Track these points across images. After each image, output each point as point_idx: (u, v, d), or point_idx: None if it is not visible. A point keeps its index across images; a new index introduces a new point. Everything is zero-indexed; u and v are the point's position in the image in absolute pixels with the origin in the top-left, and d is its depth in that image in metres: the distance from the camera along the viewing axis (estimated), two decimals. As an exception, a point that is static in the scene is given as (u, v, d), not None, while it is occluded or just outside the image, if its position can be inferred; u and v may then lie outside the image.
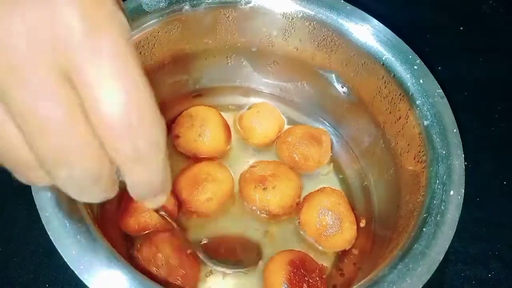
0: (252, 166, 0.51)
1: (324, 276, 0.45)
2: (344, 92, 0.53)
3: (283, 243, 0.48)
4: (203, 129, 0.51)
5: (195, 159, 0.52)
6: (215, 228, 0.49)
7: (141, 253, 0.42)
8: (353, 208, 0.50)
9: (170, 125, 0.53)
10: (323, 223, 0.47)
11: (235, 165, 0.53)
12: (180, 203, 0.48)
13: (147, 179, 0.22)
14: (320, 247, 0.48)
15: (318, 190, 0.50)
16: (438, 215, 0.38)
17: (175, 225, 0.43)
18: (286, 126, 0.57)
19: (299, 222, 0.49)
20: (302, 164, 0.52)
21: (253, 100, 0.59)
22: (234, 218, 0.50)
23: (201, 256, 0.43)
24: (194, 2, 0.48)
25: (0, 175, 0.23)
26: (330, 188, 0.50)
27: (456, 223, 0.37)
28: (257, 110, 0.55)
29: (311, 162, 0.52)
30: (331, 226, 0.46)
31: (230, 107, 0.58)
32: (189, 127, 0.52)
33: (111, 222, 0.46)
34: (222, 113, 0.55)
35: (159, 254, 0.41)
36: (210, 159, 0.52)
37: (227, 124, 0.54)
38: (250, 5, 0.49)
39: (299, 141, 0.52)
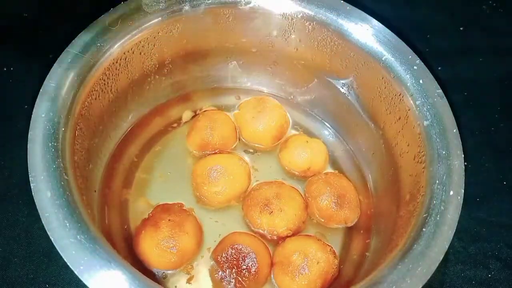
0: (254, 189, 0.50)
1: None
2: (344, 92, 0.53)
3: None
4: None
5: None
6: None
7: None
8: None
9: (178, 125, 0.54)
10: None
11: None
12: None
13: None
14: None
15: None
16: (438, 215, 0.38)
17: None
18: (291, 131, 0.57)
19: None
20: (320, 218, 0.50)
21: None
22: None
23: None
24: (194, 2, 0.48)
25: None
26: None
27: (456, 223, 0.37)
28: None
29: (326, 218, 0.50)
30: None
31: (230, 107, 0.58)
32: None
33: (112, 222, 0.46)
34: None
35: None
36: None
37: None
38: (250, 5, 0.49)
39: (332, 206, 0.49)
